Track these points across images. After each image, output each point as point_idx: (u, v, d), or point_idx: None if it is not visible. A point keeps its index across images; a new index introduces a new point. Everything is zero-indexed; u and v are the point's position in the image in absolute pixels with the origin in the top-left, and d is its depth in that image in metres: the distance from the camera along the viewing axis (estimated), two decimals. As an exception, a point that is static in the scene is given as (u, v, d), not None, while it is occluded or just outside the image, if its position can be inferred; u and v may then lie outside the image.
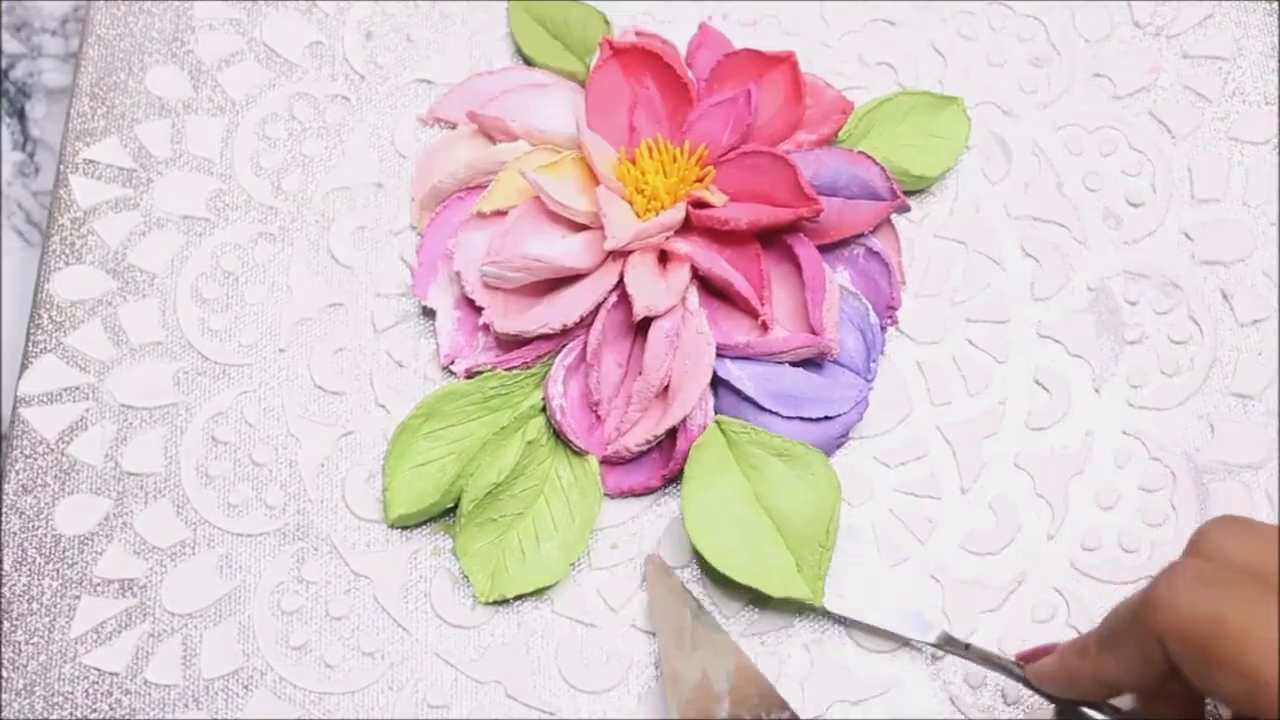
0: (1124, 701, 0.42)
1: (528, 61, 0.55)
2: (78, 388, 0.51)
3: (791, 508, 0.47)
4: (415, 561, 0.49)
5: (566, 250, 0.49)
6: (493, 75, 0.55)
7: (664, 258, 0.50)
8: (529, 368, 0.50)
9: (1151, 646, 0.36)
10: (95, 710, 0.47)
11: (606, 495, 0.49)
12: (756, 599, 0.48)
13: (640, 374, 0.48)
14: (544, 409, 0.49)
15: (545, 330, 0.49)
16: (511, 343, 0.50)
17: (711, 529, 0.47)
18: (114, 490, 0.49)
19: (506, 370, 0.49)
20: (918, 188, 0.53)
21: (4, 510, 0.49)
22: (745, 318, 0.49)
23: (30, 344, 0.51)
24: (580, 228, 0.50)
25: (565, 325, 0.48)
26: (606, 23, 0.55)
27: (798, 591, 0.47)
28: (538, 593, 0.48)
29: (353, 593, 0.48)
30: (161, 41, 0.56)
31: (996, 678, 0.47)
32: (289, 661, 0.47)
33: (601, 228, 0.49)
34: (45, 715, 0.47)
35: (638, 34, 0.53)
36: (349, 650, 0.48)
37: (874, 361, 0.50)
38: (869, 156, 0.50)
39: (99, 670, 0.47)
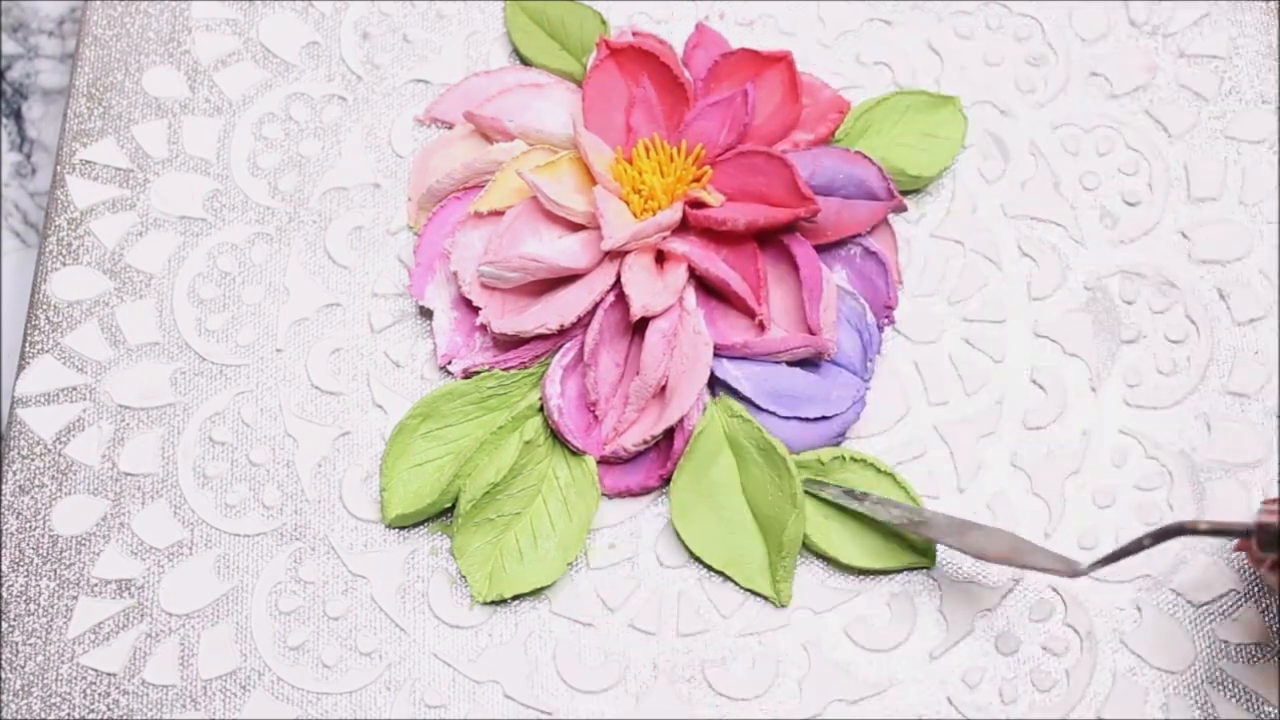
0: None
1: (525, 61, 0.55)
2: (75, 388, 0.51)
3: (767, 505, 0.48)
4: (413, 561, 0.49)
5: (563, 250, 0.49)
6: (489, 75, 0.55)
7: (661, 257, 0.50)
8: (526, 367, 0.50)
9: None
10: (93, 711, 0.47)
11: (604, 495, 0.49)
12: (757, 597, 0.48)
13: (638, 374, 0.48)
14: (541, 409, 0.49)
15: (542, 330, 0.49)
16: (509, 343, 0.50)
17: (694, 511, 0.48)
18: (111, 491, 0.49)
19: (504, 370, 0.49)
20: (915, 187, 0.53)
21: (1, 511, 0.49)
22: (742, 317, 0.49)
23: (27, 344, 0.51)
24: (577, 228, 0.50)
25: (562, 325, 0.48)
26: (603, 23, 0.55)
27: (763, 587, 0.47)
28: (535, 592, 0.48)
29: (350, 593, 0.48)
30: (158, 42, 0.56)
31: (995, 676, 0.47)
32: (286, 662, 0.47)
33: (598, 228, 0.49)
34: (43, 715, 0.47)
35: (634, 34, 0.53)
36: (346, 650, 0.48)
37: (871, 361, 0.50)
38: (866, 156, 0.50)
39: (97, 671, 0.47)
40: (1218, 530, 0.41)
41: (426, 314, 0.51)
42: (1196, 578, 0.48)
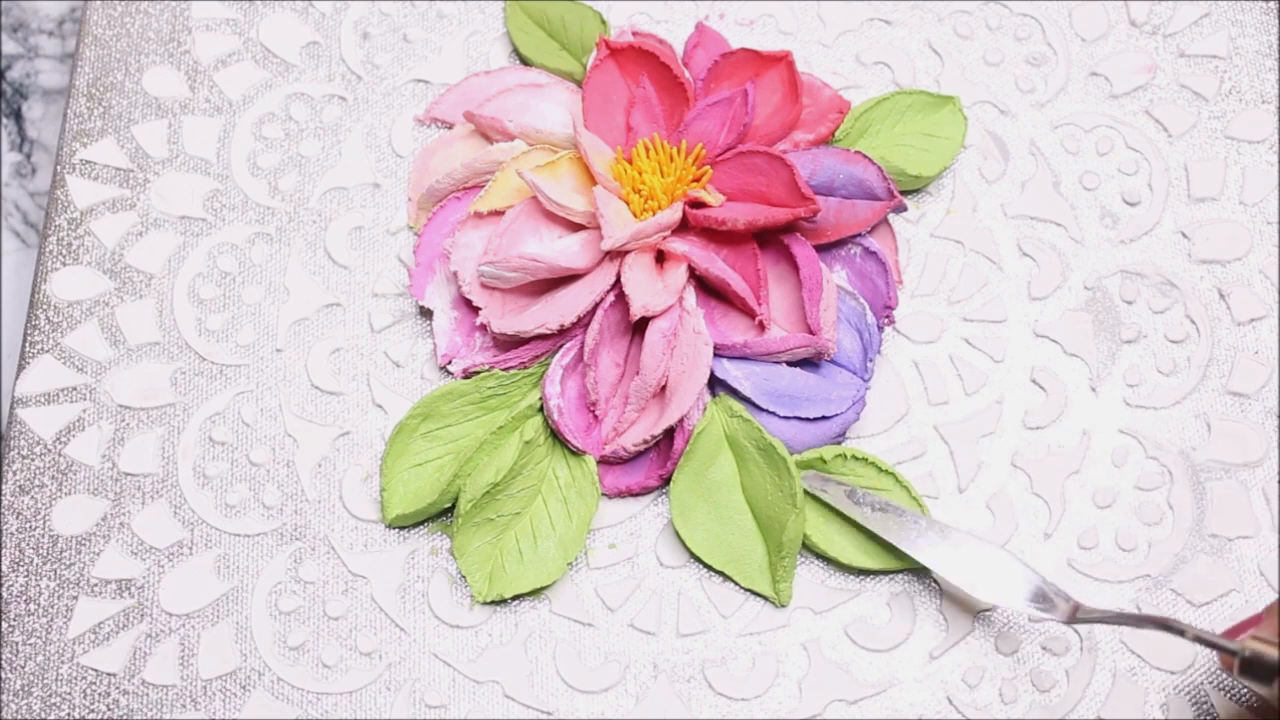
0: None
1: (525, 61, 0.55)
2: (75, 388, 0.51)
3: (767, 505, 0.48)
4: (413, 561, 0.49)
5: (563, 250, 0.49)
6: (489, 75, 0.55)
7: (661, 257, 0.50)
8: (526, 368, 0.50)
9: None
10: (93, 711, 0.47)
11: (604, 495, 0.49)
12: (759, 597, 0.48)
13: (638, 374, 0.48)
14: (541, 409, 0.49)
15: (542, 330, 0.49)
16: (509, 343, 0.50)
17: (694, 511, 0.48)
18: (111, 491, 0.49)
19: (504, 370, 0.49)
20: (915, 187, 0.53)
21: (2, 511, 0.49)
22: (743, 317, 0.49)
23: (27, 345, 0.51)
24: (577, 228, 0.50)
25: (562, 325, 0.48)
26: (603, 23, 0.55)
27: (763, 588, 0.48)
28: (535, 592, 0.48)
29: (350, 593, 0.48)
30: (158, 42, 0.56)
31: (995, 676, 0.47)
32: (286, 662, 0.47)
33: (598, 228, 0.49)
34: (43, 715, 0.47)
35: (634, 34, 0.53)
36: (346, 650, 0.48)
37: (871, 361, 0.50)
38: (866, 156, 0.50)
39: (97, 671, 0.47)
40: (1202, 641, 0.41)
41: (426, 314, 0.51)
42: (1196, 578, 0.48)
